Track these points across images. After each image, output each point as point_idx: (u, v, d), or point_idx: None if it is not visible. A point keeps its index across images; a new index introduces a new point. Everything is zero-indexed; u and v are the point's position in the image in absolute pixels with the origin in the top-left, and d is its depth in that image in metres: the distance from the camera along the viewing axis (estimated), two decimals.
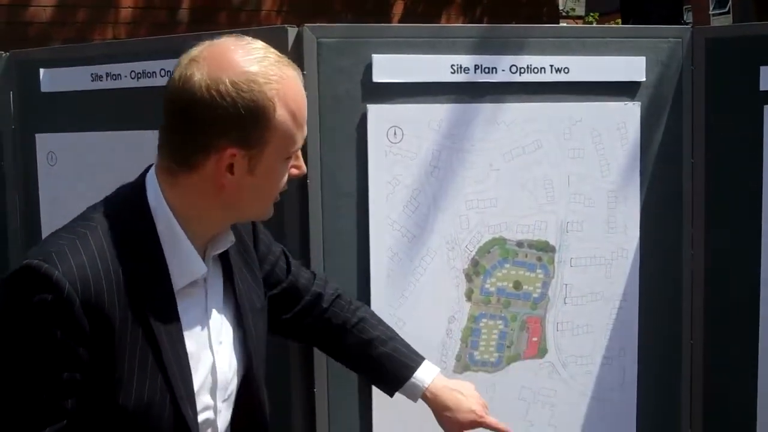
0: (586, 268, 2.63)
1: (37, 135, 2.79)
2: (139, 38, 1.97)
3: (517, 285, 2.59)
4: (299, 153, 1.75)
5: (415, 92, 2.47)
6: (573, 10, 17.72)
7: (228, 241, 1.81)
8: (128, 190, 1.74)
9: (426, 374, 2.20)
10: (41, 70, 2.75)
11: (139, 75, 2.59)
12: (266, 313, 2.00)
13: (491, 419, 2.22)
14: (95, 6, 7.86)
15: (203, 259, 1.75)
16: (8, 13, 7.51)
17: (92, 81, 2.67)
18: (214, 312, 1.80)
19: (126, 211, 1.70)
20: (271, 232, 2.21)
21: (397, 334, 2.27)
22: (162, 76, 2.53)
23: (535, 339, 2.62)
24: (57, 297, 1.54)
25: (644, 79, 2.62)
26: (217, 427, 1.81)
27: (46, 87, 2.75)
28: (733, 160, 2.64)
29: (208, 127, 1.61)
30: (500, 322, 2.58)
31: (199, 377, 1.73)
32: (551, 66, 2.54)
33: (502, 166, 2.54)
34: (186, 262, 1.71)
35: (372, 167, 2.45)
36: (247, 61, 1.63)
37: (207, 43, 1.68)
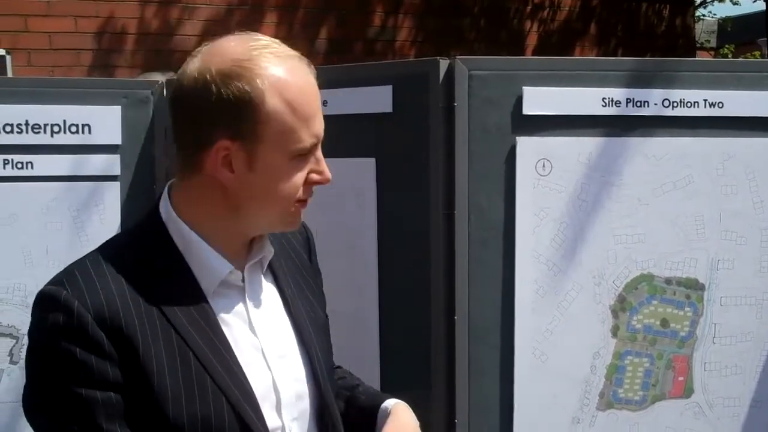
0: (736, 308, 2.55)
1: None
2: None
3: (665, 323, 2.53)
4: (320, 157, 1.63)
5: (564, 125, 2.46)
6: (708, 41, 17.35)
7: (263, 250, 1.72)
8: (144, 211, 1.71)
9: (388, 402, 1.92)
10: None
11: None
12: (328, 331, 1.88)
13: None
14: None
15: (237, 269, 1.66)
16: (155, 42, 7.79)
17: None
18: (269, 325, 1.70)
19: (140, 229, 1.67)
20: (415, 262, 2.22)
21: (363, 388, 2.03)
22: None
23: (681, 378, 2.56)
24: (68, 317, 1.49)
25: None
26: None
27: None
28: None
29: (197, 119, 1.55)
30: (646, 359, 2.53)
31: (259, 392, 1.62)
32: (705, 100, 2.50)
33: (651, 200, 2.49)
34: (207, 264, 1.63)
35: (520, 199, 2.44)
36: (240, 50, 1.55)
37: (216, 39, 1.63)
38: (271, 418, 1.63)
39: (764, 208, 2.55)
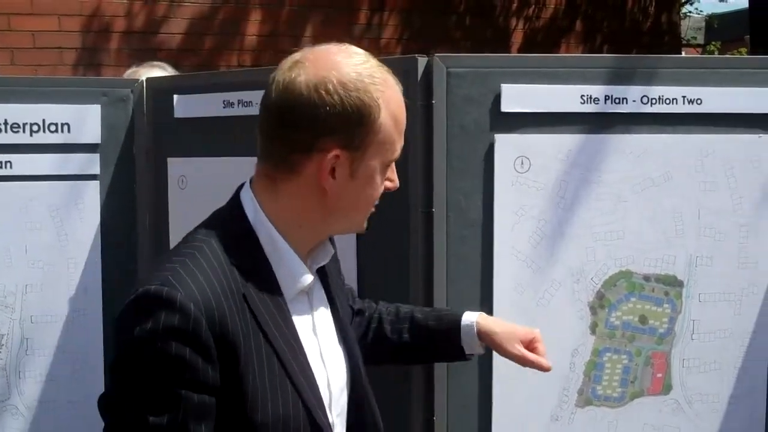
0: (715, 304, 2.56)
1: (169, 159, 2.87)
2: (270, 66, 2.03)
3: (643, 319, 2.54)
4: (394, 165, 1.75)
5: (543, 122, 2.46)
6: (694, 38, 17.38)
7: (328, 253, 1.81)
8: (225, 211, 1.74)
9: (469, 317, 2.12)
10: (175, 97, 2.83)
11: None
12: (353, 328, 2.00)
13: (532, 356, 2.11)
14: (221, 33, 8.06)
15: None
16: (139, 41, 7.77)
17: (224, 108, 2.73)
18: (322, 324, 1.79)
19: (226, 229, 1.69)
20: (395, 260, 2.23)
21: (432, 309, 2.30)
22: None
23: (659, 375, 2.56)
24: (184, 319, 1.52)
25: None
26: None
27: (179, 113, 2.82)
28: None
29: (313, 127, 1.61)
30: (624, 356, 2.54)
31: (319, 388, 1.72)
32: (684, 97, 2.50)
33: (630, 197, 2.50)
34: (292, 273, 1.70)
35: (498, 197, 2.44)
36: (351, 63, 1.64)
37: (308, 48, 1.68)
38: (326, 416, 1.73)
39: (743, 205, 2.55)
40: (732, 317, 2.58)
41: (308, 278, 1.72)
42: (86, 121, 2.84)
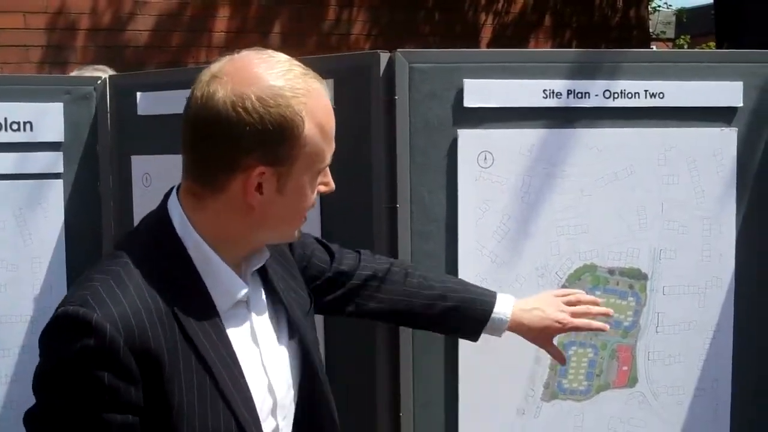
0: (679, 297, 2.57)
1: (132, 157, 2.85)
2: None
3: None
4: (327, 169, 1.72)
5: (506, 117, 2.46)
6: (663, 32, 17.47)
7: (263, 257, 1.78)
8: (153, 220, 1.71)
9: (504, 306, 2.22)
10: (138, 94, 2.81)
11: None
12: (313, 316, 1.96)
13: (577, 321, 2.29)
14: (189, 30, 8.02)
15: (240, 277, 1.72)
16: (106, 38, 7.71)
17: None
18: (262, 329, 1.76)
19: (155, 242, 1.66)
20: None
21: (459, 279, 2.32)
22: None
23: (625, 368, 2.57)
24: (100, 341, 1.49)
25: (741, 104, 2.57)
26: None
27: (142, 110, 2.81)
28: None
29: (234, 146, 1.57)
30: (590, 350, 2.55)
31: (258, 399, 1.69)
32: (646, 91, 2.51)
33: (594, 192, 2.51)
34: (225, 284, 1.67)
35: (462, 192, 2.44)
36: (272, 74, 1.59)
37: (227, 58, 1.64)
38: (267, 422, 1.72)
39: (705, 198, 2.57)
40: (696, 310, 2.59)
41: (241, 289, 1.70)
42: (49, 119, 2.82)
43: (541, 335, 2.27)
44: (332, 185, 1.74)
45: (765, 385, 2.65)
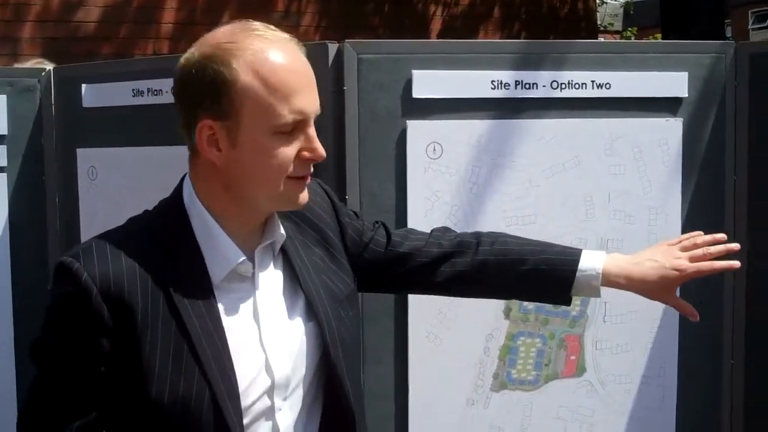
0: None
1: (78, 149, 2.81)
2: (181, 54, 2.01)
3: None
4: (311, 134, 1.66)
5: (454, 108, 2.46)
6: (611, 24, 17.64)
7: (274, 232, 1.76)
8: (169, 196, 1.76)
9: (592, 261, 1.97)
10: (83, 86, 2.77)
11: None
12: (354, 299, 1.92)
13: (696, 265, 1.95)
14: (137, 22, 7.94)
15: (252, 256, 1.72)
16: (53, 29, 7.61)
17: (134, 96, 2.69)
18: (270, 308, 1.75)
19: (162, 212, 1.73)
20: None
21: (541, 242, 2.09)
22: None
23: (573, 357, 2.59)
24: (74, 287, 1.59)
25: (686, 95, 2.60)
26: (278, 429, 1.73)
27: (87, 102, 2.77)
28: None
29: (187, 102, 1.65)
30: (538, 340, 2.56)
31: (247, 375, 1.68)
32: (592, 81, 2.53)
33: (541, 182, 2.52)
34: (222, 253, 1.68)
35: (411, 183, 2.44)
36: (227, 34, 1.64)
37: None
38: (260, 401, 1.70)
39: (652, 188, 2.60)
40: (643, 299, 2.59)
41: (237, 259, 1.69)
42: None
43: (658, 287, 1.99)
44: (319, 152, 1.67)
45: (710, 372, 2.69)
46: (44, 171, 2.86)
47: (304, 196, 1.72)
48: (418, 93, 2.43)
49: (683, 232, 2.61)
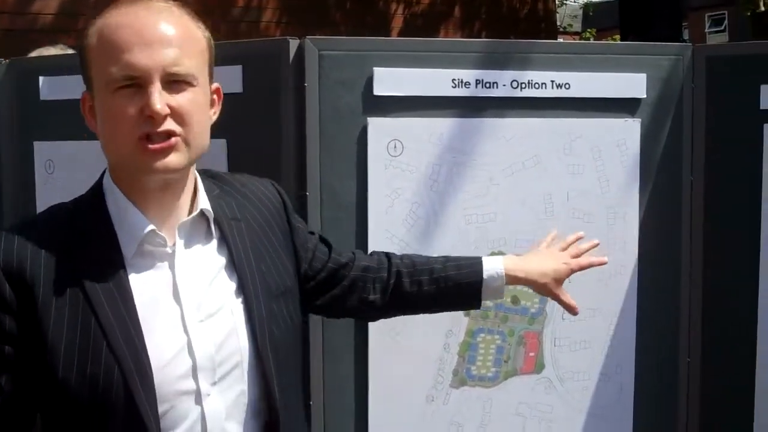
0: (584, 284, 2.61)
1: (35, 143, 2.78)
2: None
3: (515, 300, 2.58)
4: (149, 91, 1.60)
5: (415, 106, 2.47)
6: (570, 26, 17.78)
7: (182, 209, 1.74)
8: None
9: (493, 264, 2.13)
10: (41, 78, 2.74)
11: None
12: (294, 296, 1.90)
13: (577, 261, 2.25)
14: (95, 14, 7.86)
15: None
16: (9, 21, 7.51)
17: None
18: (196, 288, 1.71)
19: (83, 196, 1.74)
20: None
21: (439, 256, 2.20)
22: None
23: (532, 354, 2.61)
24: None
25: (645, 96, 2.62)
26: (204, 413, 1.68)
27: (45, 95, 2.74)
28: (733, 179, 2.63)
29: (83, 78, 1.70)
30: (498, 337, 2.58)
31: (164, 354, 1.64)
32: (552, 81, 2.55)
33: (501, 181, 2.53)
34: (131, 227, 1.67)
35: (372, 180, 2.44)
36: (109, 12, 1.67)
37: None
38: (185, 383, 1.66)
39: (610, 187, 2.62)
40: (601, 297, 2.65)
41: (145, 228, 1.67)
42: None
43: (551, 279, 2.18)
44: (151, 107, 1.59)
45: (666, 371, 2.72)
46: (0, 164, 2.82)
47: (160, 163, 1.64)
48: (379, 90, 2.44)
49: (641, 231, 2.64)
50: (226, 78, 2.46)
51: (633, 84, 2.62)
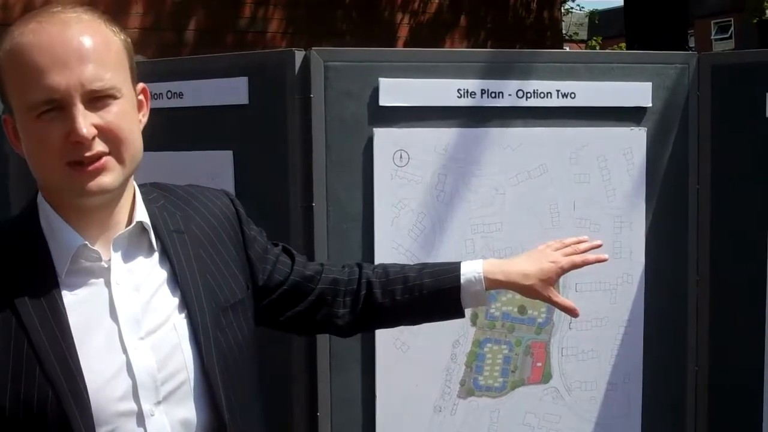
0: (591, 294, 2.62)
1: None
2: (146, 60, 1.99)
3: (522, 310, 2.58)
4: (72, 114, 1.52)
5: (421, 116, 2.47)
6: (576, 34, 17.77)
7: (130, 227, 1.68)
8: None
9: (472, 266, 2.00)
10: None
11: None
12: (247, 309, 1.82)
13: (569, 258, 2.07)
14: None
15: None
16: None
17: None
18: (135, 305, 1.64)
19: (17, 215, 1.68)
20: None
21: (417, 264, 2.10)
22: (168, 98, 2.52)
23: (539, 364, 2.61)
24: None
25: (650, 104, 2.62)
26: None
27: None
28: (739, 187, 2.63)
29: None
30: (505, 346, 2.58)
31: (101, 375, 1.57)
32: (558, 91, 2.55)
33: (507, 190, 2.53)
34: (63, 243, 1.61)
35: (378, 191, 2.45)
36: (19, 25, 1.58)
37: None
38: (124, 404, 1.59)
39: (616, 196, 2.62)
40: (608, 306, 2.64)
41: (76, 243, 1.61)
42: None
43: (537, 280, 2.02)
44: (76, 132, 1.53)
45: (674, 380, 2.71)
46: (8, 177, 2.82)
47: (93, 184, 1.57)
48: (384, 101, 2.44)
49: (647, 240, 2.64)
50: (232, 89, 2.48)
51: (639, 93, 2.62)
